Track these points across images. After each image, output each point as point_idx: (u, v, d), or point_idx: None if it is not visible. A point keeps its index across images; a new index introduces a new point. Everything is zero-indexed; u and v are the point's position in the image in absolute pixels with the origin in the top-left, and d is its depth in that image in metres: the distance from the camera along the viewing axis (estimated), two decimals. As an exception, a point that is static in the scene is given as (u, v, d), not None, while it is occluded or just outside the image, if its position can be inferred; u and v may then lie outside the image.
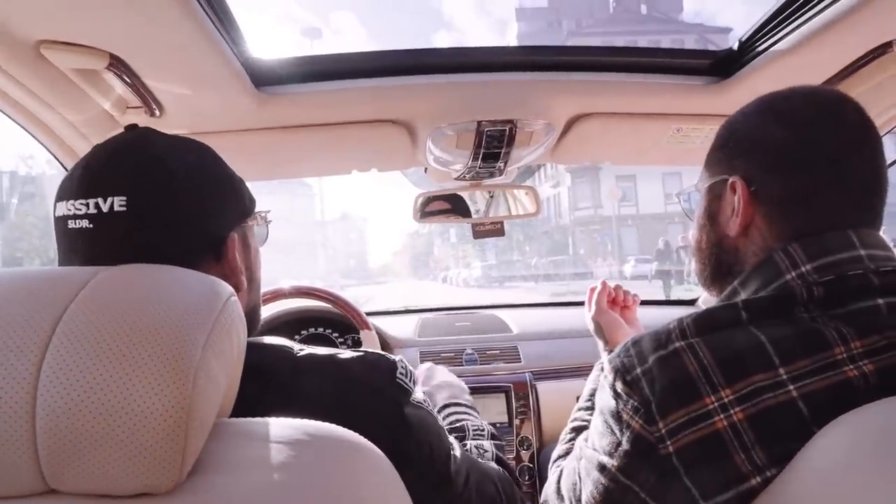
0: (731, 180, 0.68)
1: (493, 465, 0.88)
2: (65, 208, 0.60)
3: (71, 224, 0.60)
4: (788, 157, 0.65)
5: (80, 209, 0.59)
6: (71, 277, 0.45)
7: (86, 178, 0.61)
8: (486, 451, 0.92)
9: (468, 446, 0.90)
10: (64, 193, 0.61)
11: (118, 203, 0.59)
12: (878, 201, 0.66)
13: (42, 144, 1.05)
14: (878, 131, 0.66)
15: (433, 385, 1.10)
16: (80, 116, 0.99)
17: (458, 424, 0.97)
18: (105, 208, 0.59)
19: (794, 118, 0.66)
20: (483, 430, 0.96)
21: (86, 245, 0.60)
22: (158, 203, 0.61)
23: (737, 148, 0.69)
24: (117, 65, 0.84)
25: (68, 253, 0.61)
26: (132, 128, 0.67)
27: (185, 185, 0.64)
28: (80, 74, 0.87)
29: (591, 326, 1.17)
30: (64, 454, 0.39)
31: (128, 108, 1.02)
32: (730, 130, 0.71)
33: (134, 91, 0.94)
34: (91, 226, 0.59)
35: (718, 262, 0.74)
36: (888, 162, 0.70)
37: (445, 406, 1.04)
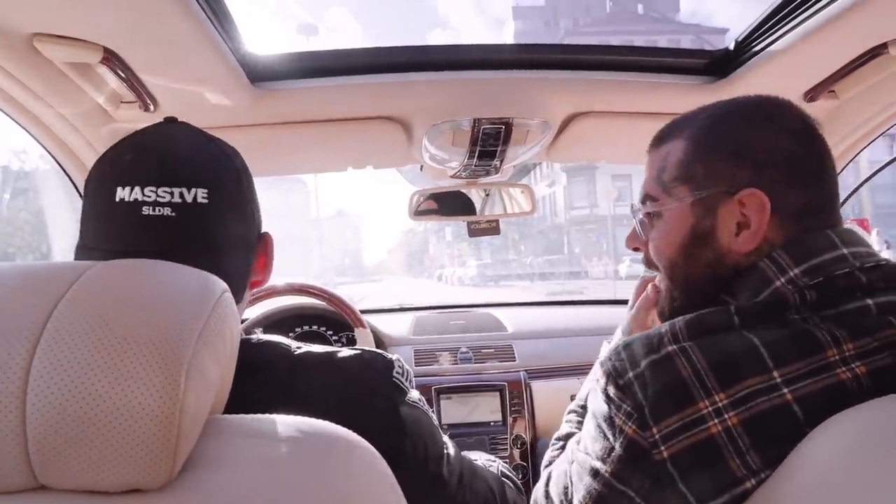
0: (742, 194, 0.64)
1: (491, 470, 0.88)
2: (138, 193, 0.60)
3: (146, 210, 0.60)
4: (801, 169, 0.65)
5: (162, 196, 0.60)
6: (62, 273, 0.45)
7: (166, 167, 0.62)
8: (493, 462, 0.92)
9: (480, 460, 0.91)
10: (130, 178, 0.61)
11: (202, 195, 0.62)
12: (837, 200, 0.68)
13: (34, 138, 1.05)
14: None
15: None
16: (74, 110, 0.98)
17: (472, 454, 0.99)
18: (189, 199, 0.61)
19: (802, 128, 0.67)
20: (495, 461, 0.97)
21: (163, 233, 0.60)
22: (232, 197, 0.65)
23: (739, 159, 0.66)
24: (111, 59, 0.84)
25: (134, 240, 0.60)
26: (172, 120, 0.70)
27: (246, 182, 0.68)
28: (73, 68, 0.87)
29: (624, 324, 1.04)
30: (54, 450, 0.39)
31: (121, 102, 1.02)
32: (718, 138, 0.68)
33: (128, 85, 0.93)
34: (173, 214, 0.60)
35: (708, 284, 0.69)
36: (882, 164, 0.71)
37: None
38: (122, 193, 0.60)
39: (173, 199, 0.60)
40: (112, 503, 0.41)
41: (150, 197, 0.60)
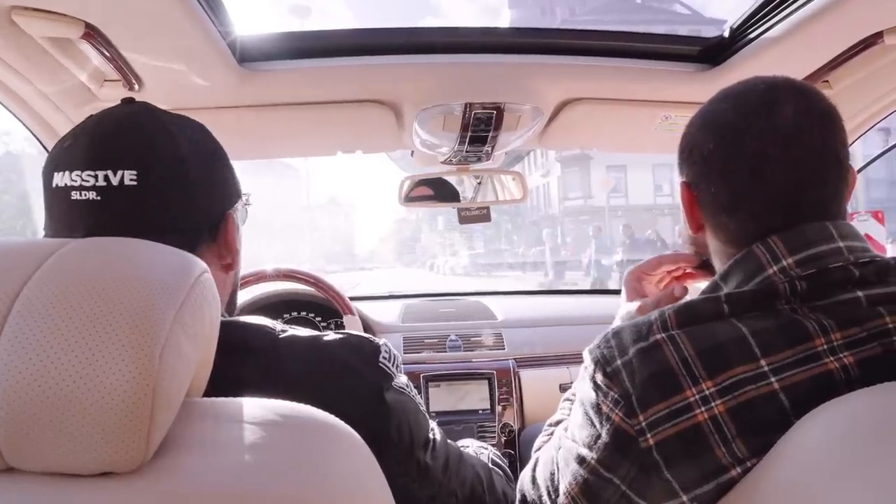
0: (682, 183, 0.71)
1: (482, 459, 0.88)
2: (68, 178, 0.59)
3: (75, 195, 0.59)
4: (715, 166, 0.66)
5: (87, 180, 0.58)
6: (34, 250, 0.44)
7: (93, 149, 0.60)
8: (484, 449, 0.92)
9: (471, 447, 0.91)
10: (64, 163, 0.60)
11: (129, 177, 0.59)
12: (833, 188, 0.64)
13: (16, 117, 1.02)
14: (827, 116, 0.64)
15: None
16: (56, 88, 0.96)
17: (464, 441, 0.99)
18: (115, 181, 0.59)
19: (722, 126, 0.66)
20: (486, 448, 0.97)
21: (92, 218, 0.59)
22: (168, 178, 0.62)
23: (682, 153, 0.72)
24: (93, 35, 0.82)
25: (68, 226, 0.60)
26: (129, 101, 0.67)
27: (193, 162, 0.64)
28: (54, 44, 0.85)
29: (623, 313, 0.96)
30: (22, 432, 0.38)
31: (105, 80, 1.00)
32: (683, 134, 0.72)
33: (111, 63, 0.91)
34: (99, 198, 0.58)
35: (699, 251, 0.77)
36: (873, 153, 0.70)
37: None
38: (57, 179, 0.60)
39: (97, 182, 0.58)
40: (84, 486, 0.40)
41: (76, 181, 0.59)
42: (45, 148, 1.12)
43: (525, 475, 0.80)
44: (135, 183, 0.59)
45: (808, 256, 0.60)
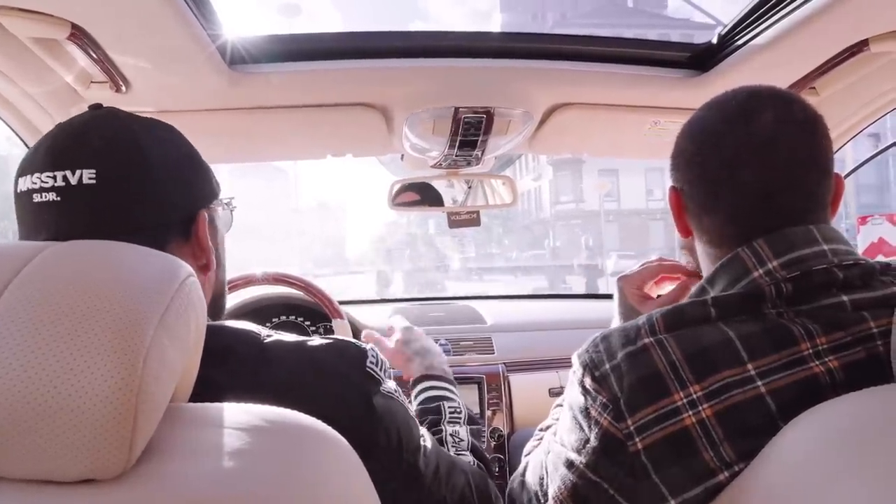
0: (670, 188, 0.73)
1: (467, 455, 0.87)
2: (29, 182, 0.59)
3: (36, 197, 0.58)
4: (696, 169, 0.68)
5: (46, 182, 0.58)
6: (14, 253, 0.43)
7: (53, 151, 0.60)
8: (461, 439, 0.91)
9: (443, 433, 0.90)
10: (28, 167, 0.60)
11: (87, 175, 0.58)
12: (810, 193, 0.65)
13: (0, 118, 1.01)
14: (808, 123, 0.66)
15: (411, 350, 1.08)
16: (41, 89, 0.95)
17: (433, 405, 0.96)
18: (73, 181, 0.58)
19: (701, 133, 0.69)
20: (460, 413, 0.95)
21: (52, 219, 0.58)
22: (129, 176, 0.61)
23: (673, 158, 0.73)
24: (80, 35, 0.81)
25: (33, 229, 0.60)
26: (97, 107, 0.66)
27: (157, 159, 0.63)
28: (39, 44, 0.84)
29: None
30: (2, 438, 0.37)
31: (92, 82, 0.99)
32: (676, 140, 0.74)
33: (98, 64, 0.90)
34: (59, 198, 0.58)
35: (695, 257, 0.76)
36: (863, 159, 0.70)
37: (422, 379, 1.02)
38: (20, 184, 0.60)
39: (56, 182, 0.58)
40: (66, 493, 0.39)
41: (36, 184, 0.59)
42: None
43: (515, 480, 0.80)
44: (93, 181, 0.58)
45: (792, 259, 0.61)
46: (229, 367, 0.60)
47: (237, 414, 0.47)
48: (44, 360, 0.37)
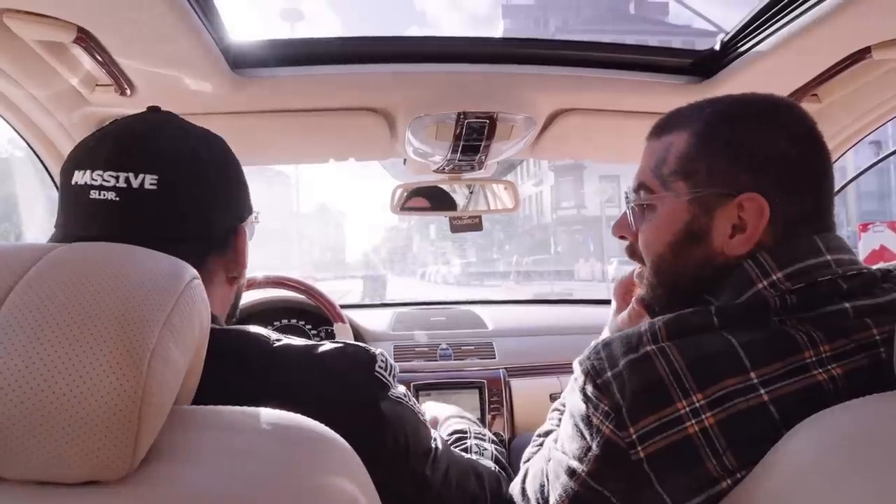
0: (742, 197, 0.63)
1: (486, 462, 0.87)
2: (88, 177, 0.60)
3: (94, 194, 0.60)
4: (800, 175, 0.64)
5: (108, 181, 0.59)
6: (23, 254, 0.43)
7: (118, 151, 0.61)
8: (485, 449, 0.92)
9: (468, 444, 0.90)
10: (86, 161, 0.61)
11: (149, 181, 0.60)
12: (832, 205, 0.67)
13: (5, 120, 1.02)
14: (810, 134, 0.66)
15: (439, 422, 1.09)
16: (46, 92, 0.96)
17: (460, 427, 0.98)
18: (135, 184, 0.60)
19: (804, 132, 0.65)
20: (485, 435, 0.96)
21: (106, 218, 0.60)
22: (188, 186, 0.63)
23: (742, 161, 0.64)
24: (85, 39, 0.81)
25: (82, 223, 0.61)
26: (155, 109, 0.69)
27: (213, 173, 0.66)
28: (45, 47, 0.84)
29: (612, 326, 0.97)
30: (6, 440, 0.37)
31: (97, 85, 0.99)
32: (723, 139, 0.66)
33: (103, 68, 0.90)
34: (117, 199, 0.59)
35: (694, 283, 0.68)
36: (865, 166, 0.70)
37: (448, 418, 1.06)
38: (77, 177, 0.61)
39: (118, 183, 0.59)
40: (70, 495, 0.39)
41: (96, 181, 0.59)
42: (33, 151, 1.12)
43: (515, 487, 0.79)
44: (154, 187, 0.60)
45: (796, 270, 0.61)
46: (238, 371, 0.60)
47: (241, 417, 0.47)
48: (49, 361, 0.37)
